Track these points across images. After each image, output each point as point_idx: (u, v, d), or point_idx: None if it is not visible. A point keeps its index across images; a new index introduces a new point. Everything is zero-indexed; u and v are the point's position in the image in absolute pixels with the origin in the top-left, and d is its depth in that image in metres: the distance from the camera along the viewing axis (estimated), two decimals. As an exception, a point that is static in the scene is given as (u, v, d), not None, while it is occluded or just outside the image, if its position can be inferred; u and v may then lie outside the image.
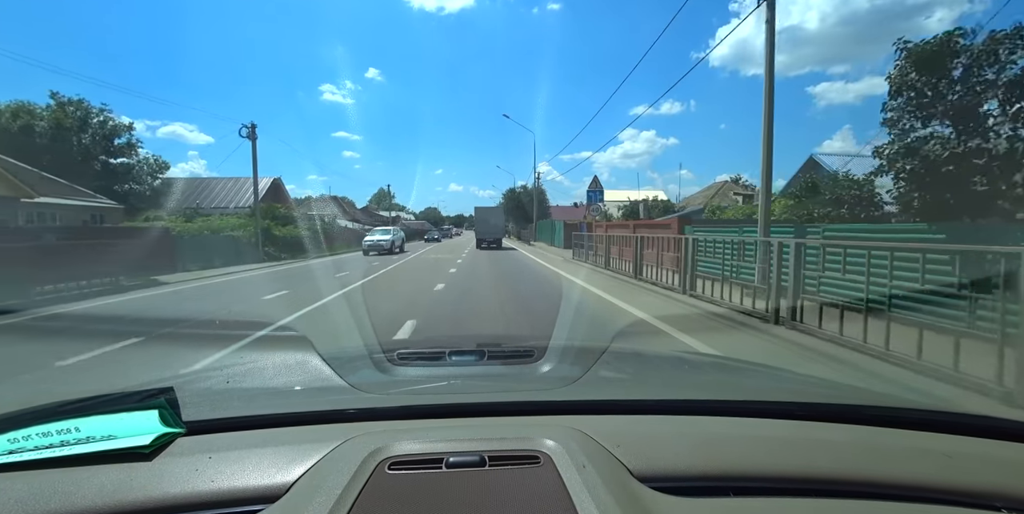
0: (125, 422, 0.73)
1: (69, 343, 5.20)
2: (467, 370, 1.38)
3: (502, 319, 6.50)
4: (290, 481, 0.65)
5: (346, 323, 5.91)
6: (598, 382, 1.20)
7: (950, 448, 0.77)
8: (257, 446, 0.74)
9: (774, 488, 0.67)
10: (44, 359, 4.48)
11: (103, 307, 8.05)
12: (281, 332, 5.38)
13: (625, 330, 5.45)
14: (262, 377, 1.33)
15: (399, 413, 0.88)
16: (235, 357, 4.25)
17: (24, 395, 1.50)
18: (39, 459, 0.67)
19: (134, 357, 4.62)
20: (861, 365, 4.04)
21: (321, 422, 0.84)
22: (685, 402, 0.98)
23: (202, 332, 5.87)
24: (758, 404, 0.95)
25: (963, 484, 0.68)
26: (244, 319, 6.62)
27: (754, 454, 0.74)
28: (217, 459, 0.70)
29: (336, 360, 1.32)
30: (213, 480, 0.65)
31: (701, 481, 0.68)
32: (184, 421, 0.77)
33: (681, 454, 0.72)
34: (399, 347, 1.57)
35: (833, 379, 1.63)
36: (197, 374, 1.55)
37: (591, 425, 0.79)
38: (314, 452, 0.71)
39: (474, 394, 1.02)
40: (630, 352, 1.82)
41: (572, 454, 0.68)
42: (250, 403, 1.02)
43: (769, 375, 1.47)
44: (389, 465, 0.66)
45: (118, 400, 0.81)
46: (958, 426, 0.86)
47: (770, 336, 5.19)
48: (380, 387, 1.14)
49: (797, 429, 0.84)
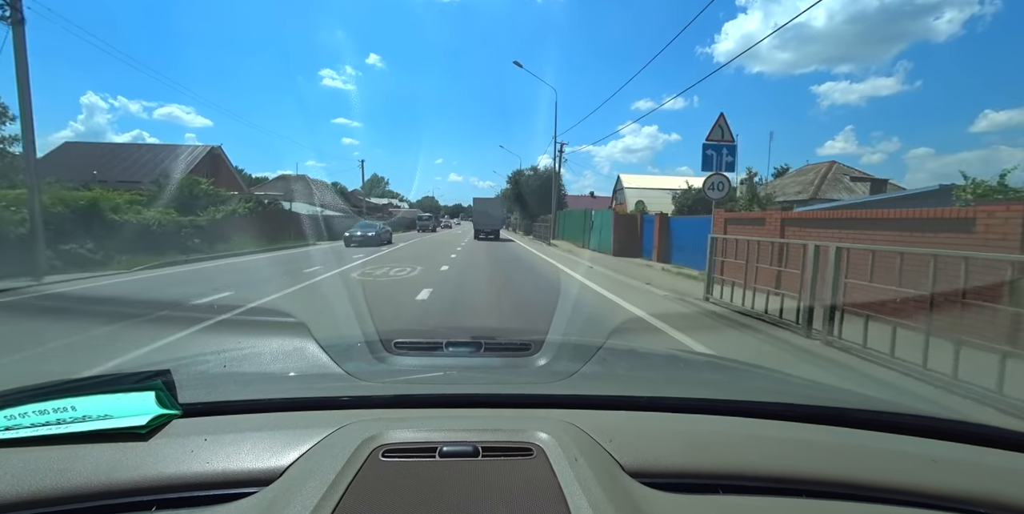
0: (122, 402, 0.74)
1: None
2: (463, 361, 1.37)
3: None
4: (284, 465, 0.65)
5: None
6: (593, 377, 1.20)
7: (937, 453, 0.78)
8: (252, 430, 0.75)
9: (763, 487, 0.67)
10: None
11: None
12: (279, 318, 5.21)
13: (621, 327, 5.30)
14: (259, 362, 1.34)
15: (395, 402, 0.88)
16: (233, 342, 4.24)
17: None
18: (35, 436, 0.68)
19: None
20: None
21: (317, 408, 0.84)
22: (679, 400, 0.96)
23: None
24: (751, 404, 0.94)
25: (948, 488, 0.68)
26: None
27: (745, 453, 0.74)
28: (212, 441, 0.70)
29: (333, 348, 1.32)
30: (208, 462, 0.66)
31: (692, 478, 0.68)
32: (180, 403, 0.77)
33: (673, 451, 0.73)
34: (397, 336, 1.48)
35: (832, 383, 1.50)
36: (194, 358, 1.46)
37: (585, 419, 0.79)
38: (308, 438, 0.71)
39: (469, 385, 1.02)
40: (626, 349, 1.80)
41: (565, 447, 0.69)
42: (246, 388, 1.03)
43: (763, 376, 1.45)
44: (383, 453, 0.67)
45: (116, 381, 0.81)
46: (947, 432, 0.86)
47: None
48: (376, 375, 1.13)
49: (788, 430, 0.84)
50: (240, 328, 5.00)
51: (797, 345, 4.64)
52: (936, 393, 3.28)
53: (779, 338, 4.90)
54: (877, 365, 3.90)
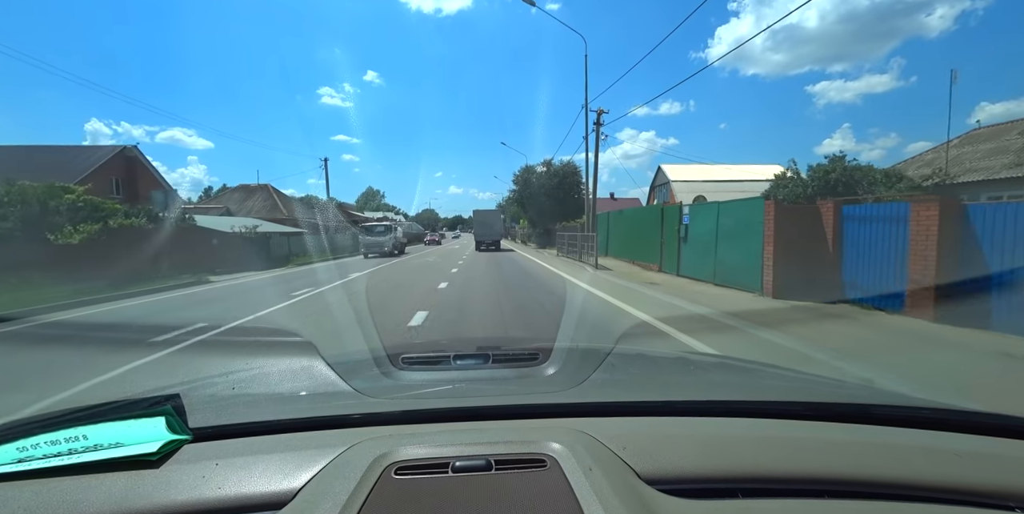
0: (132, 429, 0.73)
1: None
2: (472, 374, 1.34)
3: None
4: (296, 487, 0.64)
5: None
6: (603, 384, 1.19)
7: (960, 447, 0.76)
8: (263, 452, 0.74)
9: (783, 489, 0.66)
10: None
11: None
12: (286, 338, 5.15)
13: (629, 331, 5.24)
14: (268, 383, 1.33)
15: (404, 417, 0.87)
16: (241, 363, 4.16)
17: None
18: (47, 467, 0.67)
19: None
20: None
21: (327, 427, 0.83)
22: (691, 403, 0.95)
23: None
24: (765, 404, 0.93)
25: (975, 483, 0.67)
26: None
27: (762, 455, 0.73)
28: (224, 465, 0.70)
29: (341, 365, 1.32)
30: (220, 487, 0.65)
31: (709, 483, 0.67)
32: (191, 428, 0.77)
33: (688, 456, 0.71)
34: (404, 351, 1.47)
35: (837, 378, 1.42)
36: (203, 380, 1.43)
37: (597, 427, 0.78)
38: (320, 458, 0.70)
39: (479, 397, 1.01)
40: (635, 353, 1.77)
41: (578, 457, 0.67)
42: (256, 409, 1.01)
43: (775, 375, 1.43)
44: (395, 470, 0.66)
45: (125, 407, 0.80)
46: (968, 425, 0.85)
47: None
48: (385, 392, 1.12)
49: (805, 429, 0.83)
50: (247, 349, 4.96)
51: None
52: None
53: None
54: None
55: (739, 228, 8.81)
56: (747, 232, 8.49)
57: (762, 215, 8.07)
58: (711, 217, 9.99)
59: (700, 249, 10.37)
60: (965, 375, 4.11)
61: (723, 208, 9.65)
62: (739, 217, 8.88)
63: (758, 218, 8.17)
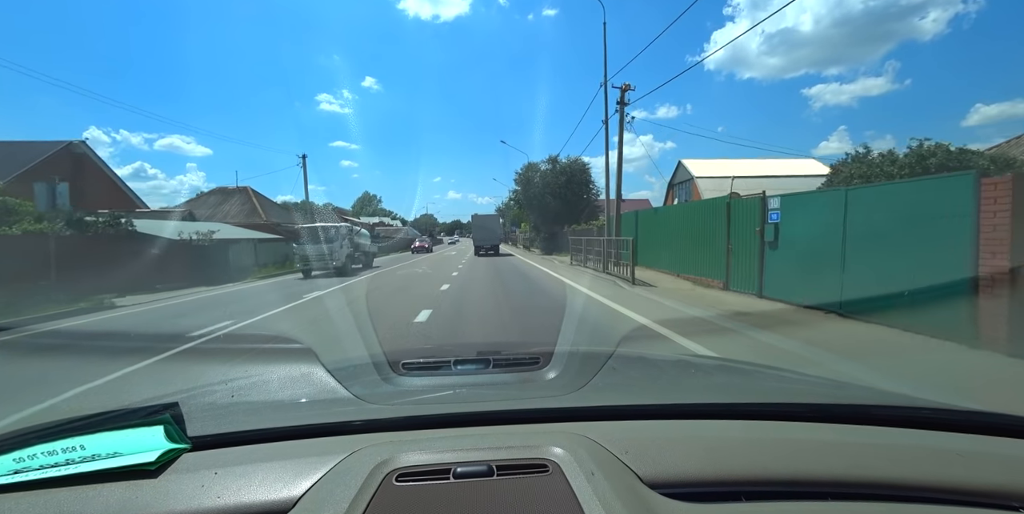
0: (130, 439, 0.72)
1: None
2: (472, 378, 1.33)
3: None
4: (297, 495, 0.64)
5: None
6: (604, 387, 1.18)
7: (962, 447, 0.76)
8: (263, 460, 0.73)
9: (787, 492, 0.66)
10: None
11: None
12: (285, 345, 5.05)
13: (630, 335, 5.22)
14: (267, 390, 1.31)
15: (405, 424, 0.86)
16: (240, 371, 4.10)
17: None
18: (44, 478, 0.66)
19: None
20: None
21: (327, 435, 0.82)
22: (693, 406, 0.94)
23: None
24: (766, 406, 0.93)
25: (978, 483, 0.66)
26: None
27: (765, 457, 0.72)
28: (223, 474, 0.69)
29: (341, 371, 1.31)
30: (219, 496, 0.64)
31: (712, 486, 0.66)
32: (189, 436, 0.76)
33: (691, 459, 0.71)
34: (404, 357, 1.44)
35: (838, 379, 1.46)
36: (202, 388, 1.40)
37: (599, 431, 0.78)
38: (320, 465, 0.69)
39: (480, 403, 1.00)
40: (635, 356, 1.76)
41: (581, 461, 0.67)
42: (255, 417, 1.00)
43: (776, 377, 1.42)
44: (396, 477, 0.66)
45: (123, 416, 0.79)
46: (969, 424, 0.84)
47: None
48: (385, 398, 1.11)
49: (806, 431, 0.82)
50: (246, 356, 4.81)
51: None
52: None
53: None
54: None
55: (901, 223, 5.38)
56: (925, 229, 5.07)
57: (969, 199, 4.62)
58: (824, 210, 6.57)
59: (804, 258, 6.91)
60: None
61: (861, 195, 6.13)
62: (902, 205, 5.42)
63: (956, 204, 4.75)
